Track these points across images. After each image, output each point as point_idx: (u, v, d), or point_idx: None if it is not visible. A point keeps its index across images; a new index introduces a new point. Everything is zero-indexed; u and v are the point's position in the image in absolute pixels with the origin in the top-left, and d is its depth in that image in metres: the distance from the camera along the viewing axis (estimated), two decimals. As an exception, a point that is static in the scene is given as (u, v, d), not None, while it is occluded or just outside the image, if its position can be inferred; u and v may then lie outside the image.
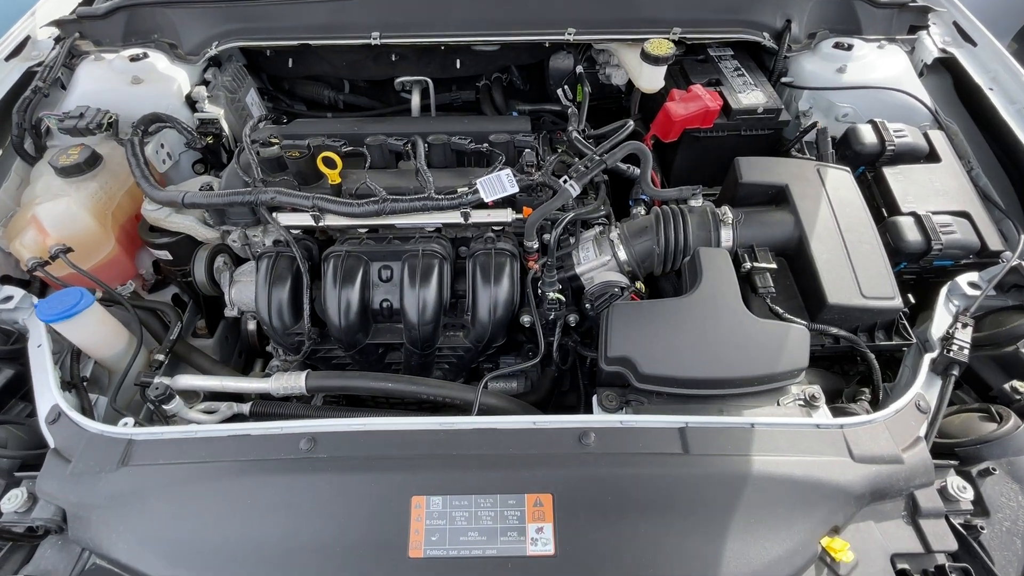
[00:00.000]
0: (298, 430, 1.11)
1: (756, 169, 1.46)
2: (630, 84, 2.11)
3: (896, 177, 1.58)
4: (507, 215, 1.46)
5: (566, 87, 2.25)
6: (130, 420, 1.19)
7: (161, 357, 1.48)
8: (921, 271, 1.51)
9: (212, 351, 1.78)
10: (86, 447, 1.12)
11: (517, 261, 1.42)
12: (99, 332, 1.38)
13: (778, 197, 1.45)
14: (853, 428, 1.13)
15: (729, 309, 1.22)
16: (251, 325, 1.71)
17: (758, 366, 1.17)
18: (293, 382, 1.32)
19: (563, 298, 1.35)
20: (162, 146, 1.77)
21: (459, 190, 1.45)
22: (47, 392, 1.23)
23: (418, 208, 1.40)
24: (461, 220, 1.44)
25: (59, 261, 1.45)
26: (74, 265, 1.44)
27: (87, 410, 1.32)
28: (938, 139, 1.64)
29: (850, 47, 1.83)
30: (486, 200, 1.41)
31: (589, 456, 1.07)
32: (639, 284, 1.35)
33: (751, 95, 1.72)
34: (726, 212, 1.38)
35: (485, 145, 1.57)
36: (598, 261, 1.45)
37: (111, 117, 1.65)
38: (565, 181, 1.40)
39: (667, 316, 1.20)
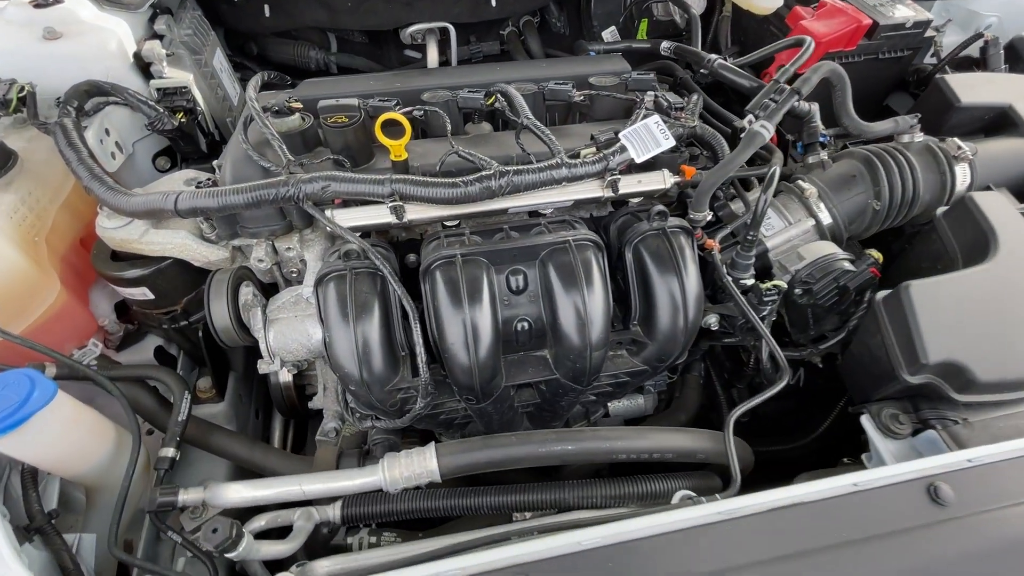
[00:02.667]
0: (496, 563, 0.65)
1: (973, 88, 1.13)
2: (706, 15, 1.74)
3: (1080, 92, 1.31)
4: (663, 179, 1.04)
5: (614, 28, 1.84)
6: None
7: (171, 452, 0.95)
8: None
9: (225, 420, 1.25)
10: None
11: (693, 241, 1.02)
12: (69, 437, 0.83)
13: (999, 122, 1.13)
14: None
15: (1045, 273, 0.88)
16: (284, 376, 1.20)
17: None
18: (419, 467, 0.84)
19: (783, 284, 0.96)
20: (107, 132, 1.18)
21: (583, 153, 1.01)
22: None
23: (553, 179, 0.96)
24: (608, 192, 1.01)
25: (-26, 327, 0.87)
26: (4, 331, 0.87)
27: (70, 572, 0.78)
28: (1108, 46, 1.40)
29: (975, -53, 1.55)
30: (637, 160, 1.00)
31: (953, 523, 0.70)
32: (875, 253, 0.98)
33: (894, 7, 1.39)
34: (960, 146, 1.04)
35: (582, 95, 1.15)
36: (796, 229, 1.07)
37: (22, 89, 1.05)
38: (751, 123, 1.01)
39: (976, 296, 0.84)
